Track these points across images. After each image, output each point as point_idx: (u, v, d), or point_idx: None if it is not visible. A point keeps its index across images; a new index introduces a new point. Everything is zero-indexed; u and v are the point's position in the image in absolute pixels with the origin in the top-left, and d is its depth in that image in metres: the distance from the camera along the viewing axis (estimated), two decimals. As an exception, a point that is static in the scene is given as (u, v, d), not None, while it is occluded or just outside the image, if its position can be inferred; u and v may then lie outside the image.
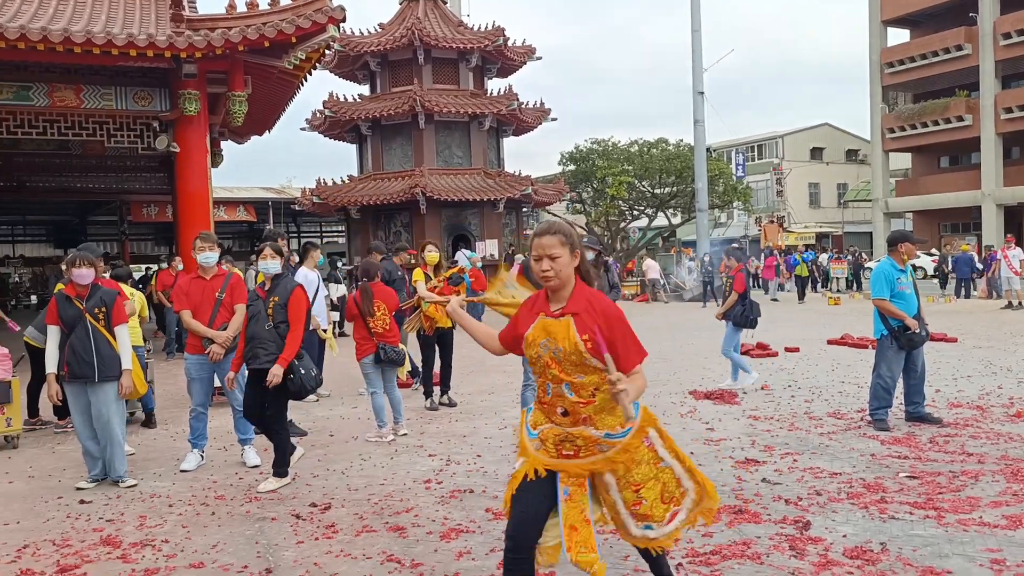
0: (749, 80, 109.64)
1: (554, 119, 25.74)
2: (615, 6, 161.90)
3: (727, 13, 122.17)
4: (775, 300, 22.41)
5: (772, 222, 37.17)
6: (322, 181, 24.14)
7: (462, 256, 18.97)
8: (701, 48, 26.87)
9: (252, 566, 3.97)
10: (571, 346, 2.73)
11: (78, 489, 5.44)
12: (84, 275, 5.51)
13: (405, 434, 6.74)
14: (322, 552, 4.12)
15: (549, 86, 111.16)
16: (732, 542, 3.96)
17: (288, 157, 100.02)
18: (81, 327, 5.44)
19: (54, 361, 5.53)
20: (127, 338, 5.64)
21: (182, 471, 5.82)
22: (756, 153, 50.01)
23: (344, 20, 12.58)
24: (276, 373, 5.22)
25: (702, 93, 26.88)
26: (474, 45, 23.64)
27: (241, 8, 12.93)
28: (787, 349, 11.32)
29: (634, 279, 26.44)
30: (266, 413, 5.42)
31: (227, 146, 19.35)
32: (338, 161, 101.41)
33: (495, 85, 25.69)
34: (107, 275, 7.27)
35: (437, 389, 8.01)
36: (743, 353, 11.11)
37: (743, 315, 8.34)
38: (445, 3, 26.08)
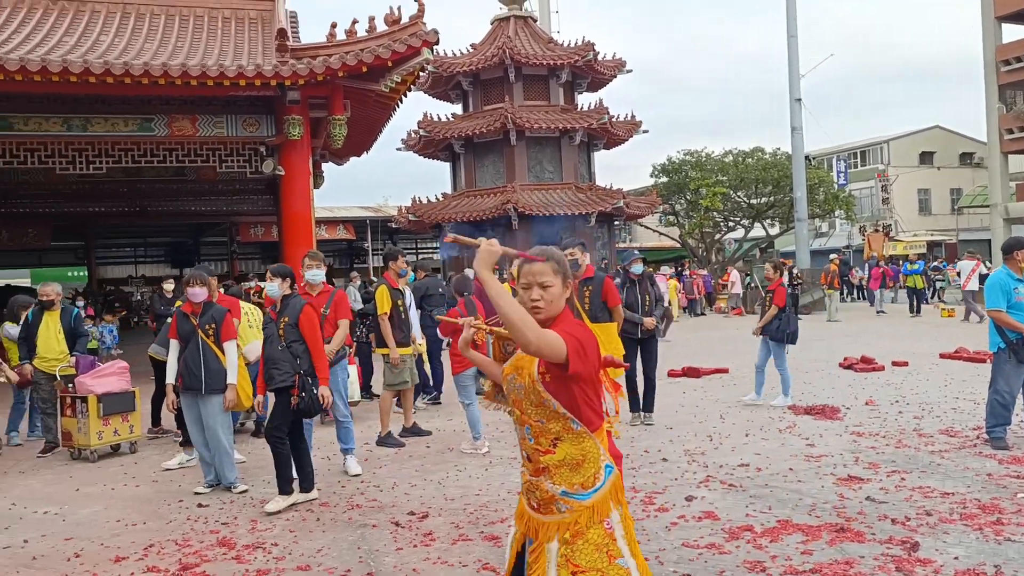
0: (849, 85, 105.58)
1: (645, 131, 25.57)
2: (698, 14, 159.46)
3: (824, 17, 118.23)
4: (881, 312, 21.44)
5: (877, 231, 35.55)
6: (417, 199, 24.75)
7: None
8: (797, 54, 26.15)
9: (355, 571, 4.14)
10: (530, 382, 2.41)
11: (196, 494, 5.80)
12: (197, 294, 5.89)
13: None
14: (420, 559, 4.25)
15: (639, 97, 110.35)
16: (833, 560, 3.85)
17: (385, 176, 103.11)
18: (193, 342, 5.82)
19: (173, 372, 5.94)
20: (234, 354, 5.98)
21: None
22: (859, 160, 48.02)
23: (437, 43, 12.92)
24: (325, 394, 5.43)
25: (799, 100, 26.12)
26: (564, 61, 23.80)
27: (341, 36, 13.51)
28: (895, 363, 10.83)
29: (727, 292, 25.84)
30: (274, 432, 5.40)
31: (327, 167, 20.17)
32: (433, 179, 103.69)
33: (586, 99, 25.78)
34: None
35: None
36: (846, 367, 10.76)
37: (779, 329, 8.14)
38: (535, 21, 26.40)
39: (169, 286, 9.99)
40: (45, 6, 14.97)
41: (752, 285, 25.99)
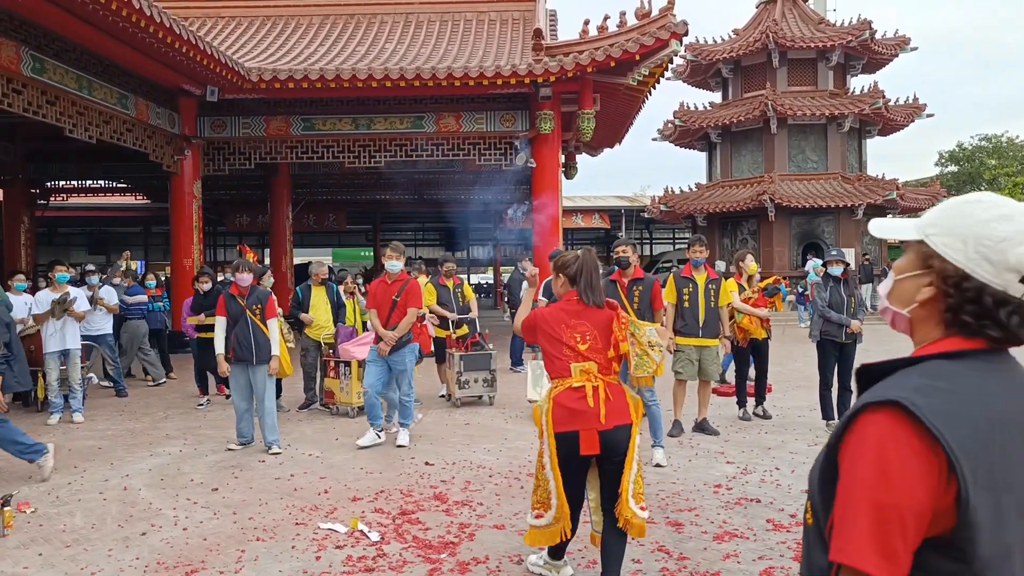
0: None
1: (930, 115, 23.09)
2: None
3: None
4: None
5: None
6: (670, 190, 24.67)
7: (811, 265, 18.09)
8: None
9: (542, 535, 4.53)
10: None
11: (228, 450, 6.77)
12: (244, 278, 6.85)
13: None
14: (603, 533, 4.53)
15: (943, 74, 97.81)
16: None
17: (645, 166, 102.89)
18: (243, 320, 6.81)
19: (222, 345, 6.95)
20: (276, 330, 6.89)
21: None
22: None
23: (687, 34, 12.88)
24: None
25: None
26: (835, 42, 22.25)
27: (593, 32, 13.96)
28: None
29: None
30: None
31: (582, 159, 20.88)
32: (693, 168, 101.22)
33: (861, 82, 23.88)
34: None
35: (751, 400, 7.95)
36: None
37: None
38: (807, 1, 24.91)
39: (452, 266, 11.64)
40: (344, 21, 17.24)
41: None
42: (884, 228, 1.32)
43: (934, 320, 1.24)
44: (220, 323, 6.85)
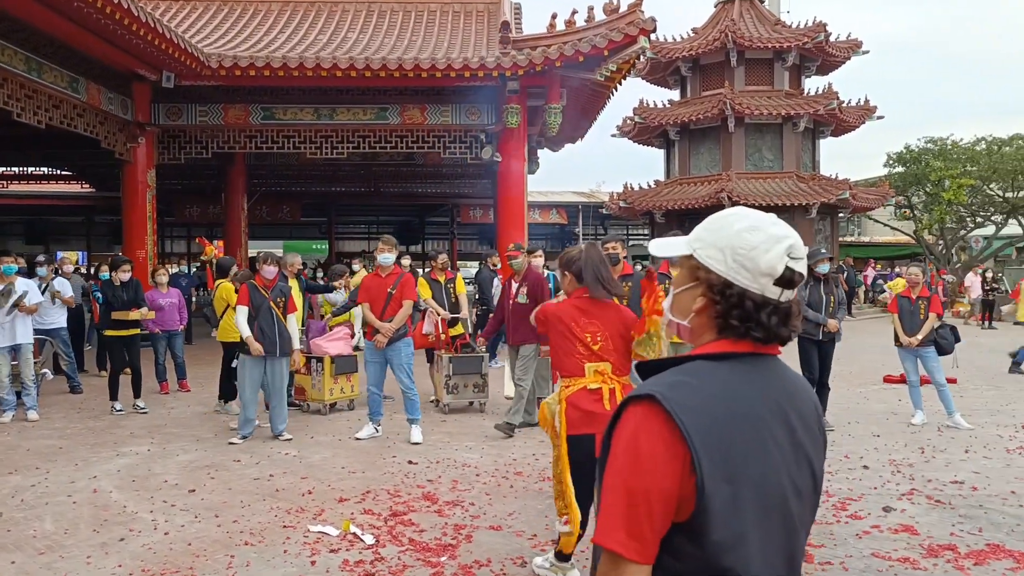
0: None
1: (880, 117, 23.65)
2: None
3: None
4: None
5: None
6: (629, 186, 24.77)
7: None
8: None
9: (540, 536, 4.44)
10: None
11: (230, 444, 6.71)
12: (270, 271, 6.90)
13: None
14: (602, 533, 4.46)
15: (894, 77, 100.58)
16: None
17: (601, 162, 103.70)
18: (265, 311, 6.85)
19: (247, 331, 6.96)
20: (295, 324, 7.14)
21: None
22: None
23: (654, 30, 12.90)
24: None
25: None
26: (791, 43, 22.60)
27: (561, 27, 13.88)
28: None
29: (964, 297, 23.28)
30: None
31: (543, 153, 20.80)
32: (650, 165, 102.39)
33: (814, 83, 24.34)
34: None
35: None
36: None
37: (932, 341, 7.40)
38: (763, 2, 25.27)
39: (406, 261, 11.41)
40: (305, 8, 16.82)
41: (1003, 288, 23.27)
42: (662, 246, 1.43)
43: (708, 326, 1.34)
44: (242, 312, 6.82)
